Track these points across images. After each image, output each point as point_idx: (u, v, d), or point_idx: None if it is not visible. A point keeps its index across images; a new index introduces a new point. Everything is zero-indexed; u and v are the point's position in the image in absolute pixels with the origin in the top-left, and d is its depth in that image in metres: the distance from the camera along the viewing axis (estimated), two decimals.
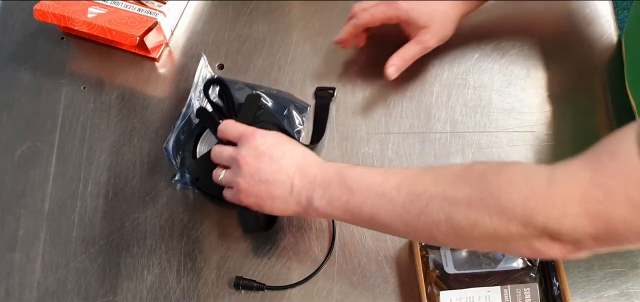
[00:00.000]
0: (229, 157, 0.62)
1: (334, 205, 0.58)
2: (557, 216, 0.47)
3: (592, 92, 0.77)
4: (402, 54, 0.73)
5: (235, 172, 0.61)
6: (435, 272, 0.64)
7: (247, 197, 0.61)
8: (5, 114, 0.79)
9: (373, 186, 0.56)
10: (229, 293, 0.67)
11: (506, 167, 0.52)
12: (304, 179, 0.59)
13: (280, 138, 0.63)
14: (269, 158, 0.60)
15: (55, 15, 0.79)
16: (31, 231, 0.71)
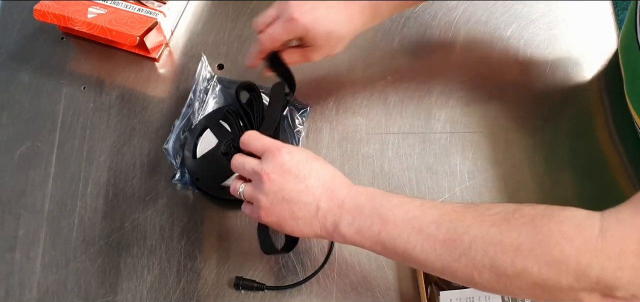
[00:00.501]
0: (252, 171, 0.58)
1: (364, 234, 0.54)
2: (612, 269, 0.45)
3: (592, 92, 0.77)
4: (284, 55, 0.69)
5: (257, 187, 0.58)
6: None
7: (268, 216, 0.57)
8: (5, 114, 0.79)
9: (410, 219, 0.52)
10: (229, 293, 0.67)
11: (558, 214, 0.48)
12: (331, 202, 0.55)
13: (307, 155, 0.58)
14: (294, 176, 0.56)
15: (55, 15, 0.79)
16: (31, 231, 0.71)
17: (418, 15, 0.83)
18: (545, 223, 0.48)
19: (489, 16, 0.83)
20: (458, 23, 0.83)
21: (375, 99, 0.78)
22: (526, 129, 0.75)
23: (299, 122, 0.75)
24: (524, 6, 0.83)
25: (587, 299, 0.46)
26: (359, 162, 0.74)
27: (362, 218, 0.54)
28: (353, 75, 0.79)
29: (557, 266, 0.46)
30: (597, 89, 0.78)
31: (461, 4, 0.84)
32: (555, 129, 0.75)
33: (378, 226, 0.53)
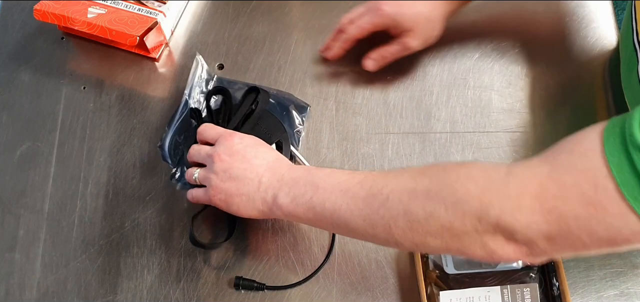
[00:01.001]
0: (206, 155, 0.64)
1: (298, 202, 0.58)
2: (510, 209, 0.46)
3: (592, 92, 0.77)
4: (382, 51, 0.75)
5: (209, 168, 0.63)
6: (435, 273, 0.64)
7: (217, 194, 0.62)
8: (5, 114, 0.79)
9: (338, 182, 0.57)
10: (229, 293, 0.67)
11: (468, 164, 0.52)
12: (272, 177, 0.60)
13: (256, 141, 0.64)
14: (242, 156, 0.62)
15: (55, 15, 0.79)
16: (31, 231, 0.71)
17: None
18: (454, 170, 0.51)
19: (489, 16, 0.83)
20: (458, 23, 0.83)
21: (375, 99, 0.78)
22: (527, 128, 0.75)
23: (299, 122, 0.75)
24: (523, 6, 0.83)
25: (491, 243, 0.48)
26: (359, 162, 0.74)
27: (297, 188, 0.59)
28: (353, 75, 0.79)
29: (460, 206, 0.48)
30: (597, 88, 0.78)
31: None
32: (556, 129, 0.75)
33: (310, 192, 0.58)
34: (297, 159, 0.74)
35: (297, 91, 0.78)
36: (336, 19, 0.83)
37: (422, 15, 0.72)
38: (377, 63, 0.76)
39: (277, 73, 0.80)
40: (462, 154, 0.74)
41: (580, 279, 0.66)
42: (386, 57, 0.75)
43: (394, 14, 0.71)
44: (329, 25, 0.83)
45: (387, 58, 0.75)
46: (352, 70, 0.80)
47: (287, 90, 0.78)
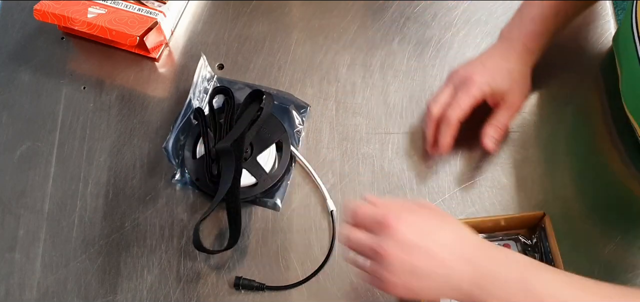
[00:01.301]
0: (370, 250, 0.53)
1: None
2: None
3: (592, 92, 0.77)
4: (496, 123, 0.69)
5: (380, 264, 0.52)
6: None
7: (395, 289, 0.52)
8: (5, 114, 0.79)
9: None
10: (229, 293, 0.67)
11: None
12: (465, 267, 0.51)
13: (421, 218, 0.54)
14: (418, 249, 0.51)
15: (55, 15, 0.79)
16: (31, 231, 0.71)
17: (418, 15, 0.84)
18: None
19: (489, 16, 0.83)
20: (458, 23, 0.83)
21: (375, 99, 0.78)
22: (526, 128, 0.75)
23: (299, 122, 0.75)
24: None
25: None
26: (359, 162, 0.74)
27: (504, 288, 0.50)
28: (353, 75, 0.79)
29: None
30: (597, 88, 0.77)
31: (461, 4, 0.84)
32: (555, 128, 0.75)
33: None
34: (297, 159, 0.74)
35: (297, 91, 0.78)
36: (336, 19, 0.83)
37: (515, 72, 0.69)
38: (498, 140, 0.70)
39: (277, 73, 0.80)
40: (462, 154, 0.74)
41: None
42: (502, 129, 0.70)
43: (489, 83, 0.67)
44: (328, 25, 0.83)
45: (503, 128, 0.70)
46: (352, 71, 0.80)
47: (287, 90, 0.78)
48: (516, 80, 0.70)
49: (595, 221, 0.69)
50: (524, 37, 0.70)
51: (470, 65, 0.70)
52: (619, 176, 0.72)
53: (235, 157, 0.68)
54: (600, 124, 0.75)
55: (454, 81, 0.70)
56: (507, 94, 0.69)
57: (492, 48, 0.72)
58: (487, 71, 0.69)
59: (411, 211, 0.54)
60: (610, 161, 0.73)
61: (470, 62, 0.71)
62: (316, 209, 0.71)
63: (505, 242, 0.66)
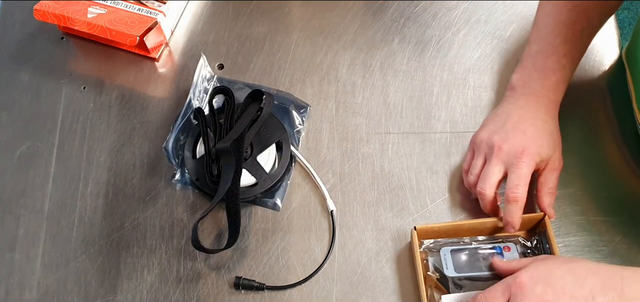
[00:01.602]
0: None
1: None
2: None
3: (593, 91, 0.77)
4: (549, 190, 0.67)
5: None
6: (435, 275, 0.64)
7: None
8: (5, 114, 0.79)
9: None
10: (229, 293, 0.67)
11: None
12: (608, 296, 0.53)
13: (548, 268, 0.55)
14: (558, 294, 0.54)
15: (55, 15, 0.79)
16: (31, 231, 0.71)
17: (418, 15, 0.84)
18: None
19: (489, 16, 0.83)
20: (458, 23, 0.83)
21: (375, 99, 0.78)
22: None
23: (299, 122, 0.75)
24: (524, 6, 0.83)
25: None
26: (359, 162, 0.74)
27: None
28: (353, 75, 0.79)
29: None
30: (597, 88, 0.78)
31: (461, 4, 0.84)
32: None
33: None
34: (297, 159, 0.74)
35: (297, 91, 0.78)
36: (336, 18, 0.83)
37: (554, 133, 0.68)
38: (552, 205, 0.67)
39: (277, 73, 0.80)
40: (462, 154, 0.74)
41: None
42: (553, 192, 0.67)
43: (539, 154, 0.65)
44: (328, 25, 0.83)
45: (554, 192, 0.68)
46: (352, 71, 0.80)
47: (287, 90, 0.78)
48: (556, 140, 0.68)
49: (596, 221, 0.69)
50: (547, 91, 0.68)
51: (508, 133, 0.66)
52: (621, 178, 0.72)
53: (235, 157, 0.68)
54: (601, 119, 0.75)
55: (479, 149, 0.68)
56: (552, 158, 0.67)
57: (516, 103, 0.69)
58: (532, 141, 0.65)
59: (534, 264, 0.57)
60: (612, 161, 0.73)
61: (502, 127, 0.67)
62: (316, 209, 0.71)
63: (505, 244, 0.66)
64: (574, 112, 0.75)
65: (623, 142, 0.74)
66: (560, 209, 0.70)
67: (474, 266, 0.64)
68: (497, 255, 0.64)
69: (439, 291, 0.64)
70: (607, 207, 0.70)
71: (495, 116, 0.69)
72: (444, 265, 0.64)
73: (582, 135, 0.74)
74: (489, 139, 0.67)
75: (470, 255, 0.65)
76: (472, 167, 0.68)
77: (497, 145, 0.65)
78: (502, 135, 0.66)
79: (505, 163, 0.65)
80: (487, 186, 0.65)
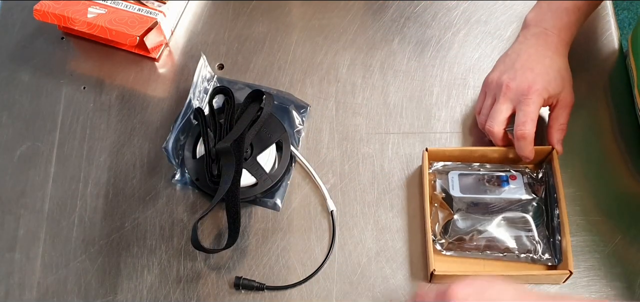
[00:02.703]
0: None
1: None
2: None
3: (593, 91, 0.77)
4: (559, 126, 0.69)
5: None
6: (441, 195, 0.67)
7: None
8: (5, 114, 0.79)
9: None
10: (229, 293, 0.67)
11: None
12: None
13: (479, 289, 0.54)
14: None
15: (55, 15, 0.79)
16: (31, 231, 0.71)
17: (418, 15, 0.84)
18: None
19: (489, 16, 0.83)
20: (458, 23, 0.83)
21: (375, 99, 0.78)
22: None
23: (299, 122, 0.75)
24: (524, 6, 0.83)
25: None
26: (359, 162, 0.74)
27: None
28: (353, 75, 0.79)
29: None
30: (599, 87, 0.77)
31: (461, 4, 0.84)
32: None
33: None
34: (297, 159, 0.74)
35: (297, 91, 0.78)
36: (336, 18, 0.83)
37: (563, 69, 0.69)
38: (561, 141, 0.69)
39: (277, 73, 0.80)
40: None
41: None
42: (564, 128, 0.70)
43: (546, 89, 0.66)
44: (328, 25, 0.83)
45: (565, 129, 0.70)
46: (352, 71, 0.80)
47: (287, 90, 0.78)
48: (565, 77, 0.69)
49: (596, 221, 0.69)
50: (558, 30, 0.70)
51: (517, 72, 0.68)
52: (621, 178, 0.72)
53: (236, 157, 0.68)
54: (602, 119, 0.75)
55: (493, 90, 0.69)
56: (562, 94, 0.69)
57: (526, 43, 0.70)
58: (540, 77, 0.67)
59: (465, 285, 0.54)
60: (612, 161, 0.73)
61: (511, 67, 0.68)
62: (316, 209, 0.71)
63: (511, 174, 0.68)
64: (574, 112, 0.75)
65: (623, 143, 0.74)
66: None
67: (478, 189, 0.67)
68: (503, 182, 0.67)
69: (443, 209, 0.66)
70: (607, 207, 0.70)
71: (505, 57, 0.71)
72: (450, 186, 0.67)
73: (582, 135, 0.74)
74: (498, 79, 0.69)
75: (476, 179, 0.67)
76: (483, 107, 0.71)
77: (505, 84, 0.68)
78: (511, 75, 0.68)
79: (513, 101, 0.67)
80: (495, 123, 0.68)
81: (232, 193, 0.67)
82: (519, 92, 0.67)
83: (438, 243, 0.66)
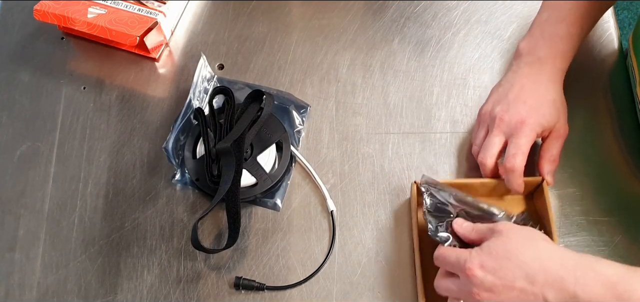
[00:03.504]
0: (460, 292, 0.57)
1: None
2: None
3: (593, 91, 0.77)
4: (550, 157, 0.68)
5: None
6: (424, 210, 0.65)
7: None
8: (5, 114, 0.79)
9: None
10: (229, 293, 0.67)
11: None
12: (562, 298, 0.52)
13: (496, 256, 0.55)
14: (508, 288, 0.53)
15: (55, 15, 0.79)
16: (31, 231, 0.71)
17: (418, 15, 0.84)
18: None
19: (489, 16, 0.83)
20: (458, 23, 0.83)
21: (375, 99, 0.78)
22: None
23: (299, 122, 0.75)
24: (524, 6, 0.83)
25: None
26: (359, 162, 0.74)
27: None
28: (353, 75, 0.79)
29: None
30: (599, 88, 0.78)
31: (461, 4, 0.84)
32: None
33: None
34: (297, 159, 0.74)
35: (297, 91, 0.78)
36: (336, 18, 0.83)
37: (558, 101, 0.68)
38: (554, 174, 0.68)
39: (277, 73, 0.80)
40: (462, 154, 0.74)
41: None
42: (555, 160, 0.68)
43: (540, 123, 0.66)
44: (328, 25, 0.83)
45: (556, 160, 0.69)
46: (352, 71, 0.80)
47: (287, 90, 0.78)
48: (559, 108, 0.68)
49: (596, 221, 0.69)
50: (553, 58, 0.68)
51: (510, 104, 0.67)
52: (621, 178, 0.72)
53: (236, 158, 0.68)
54: (602, 118, 0.76)
55: (487, 122, 0.68)
56: (556, 125, 0.68)
57: (520, 72, 0.69)
58: (533, 111, 0.66)
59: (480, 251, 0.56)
60: (612, 161, 0.73)
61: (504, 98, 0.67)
62: (316, 209, 0.71)
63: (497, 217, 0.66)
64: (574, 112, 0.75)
65: (623, 143, 0.74)
66: (560, 209, 0.70)
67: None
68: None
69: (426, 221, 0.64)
70: (607, 207, 0.70)
71: (499, 87, 0.70)
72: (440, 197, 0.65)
73: (582, 135, 0.74)
74: (492, 111, 0.68)
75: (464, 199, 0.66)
76: (476, 137, 0.70)
77: (499, 116, 0.67)
78: (504, 106, 0.67)
79: (506, 134, 0.66)
80: (488, 156, 0.67)
81: (232, 193, 0.67)
82: (511, 126, 0.66)
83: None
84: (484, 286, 0.54)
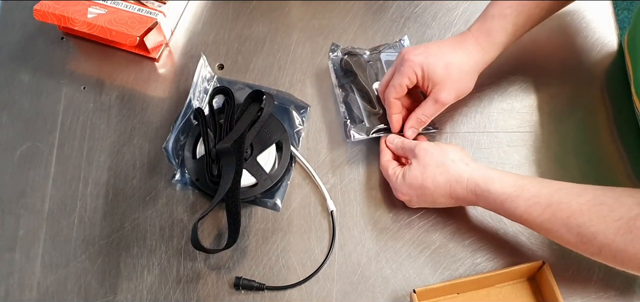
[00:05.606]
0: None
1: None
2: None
3: (592, 91, 0.77)
4: (418, 115, 0.70)
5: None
6: None
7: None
8: (5, 114, 0.79)
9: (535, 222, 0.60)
10: (229, 293, 0.67)
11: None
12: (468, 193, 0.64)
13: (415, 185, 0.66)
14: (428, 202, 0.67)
15: (55, 15, 0.79)
16: (31, 231, 0.71)
17: (418, 15, 0.84)
18: None
19: None
20: (458, 23, 0.83)
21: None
22: (527, 128, 0.75)
23: (299, 122, 0.75)
24: None
25: None
26: (359, 162, 0.74)
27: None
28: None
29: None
30: (598, 88, 0.78)
31: (461, 4, 0.84)
32: (557, 129, 0.75)
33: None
34: (297, 159, 0.74)
35: (297, 91, 0.78)
36: (336, 19, 0.83)
37: (453, 65, 0.68)
38: (415, 129, 0.71)
39: (277, 73, 0.80)
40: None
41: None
42: (422, 120, 0.70)
43: (421, 65, 0.67)
44: (328, 25, 0.83)
45: (423, 121, 0.70)
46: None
47: (287, 90, 0.78)
48: (451, 75, 0.68)
49: None
50: (477, 33, 0.69)
51: (415, 46, 0.70)
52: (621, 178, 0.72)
53: (236, 158, 0.68)
54: (601, 121, 0.75)
55: (397, 59, 0.71)
56: (438, 86, 0.68)
57: (449, 38, 0.72)
58: (424, 55, 0.68)
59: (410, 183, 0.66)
60: (611, 161, 0.73)
61: (420, 45, 0.71)
62: (316, 209, 0.71)
63: None
64: (573, 112, 0.75)
65: (622, 143, 0.74)
66: None
67: None
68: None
69: None
70: None
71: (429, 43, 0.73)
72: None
73: (581, 135, 0.74)
74: (405, 52, 0.70)
75: None
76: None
77: (401, 51, 0.71)
78: (415, 47, 0.71)
79: (396, 65, 0.70)
80: (380, 82, 0.73)
81: (232, 193, 0.67)
82: (399, 58, 0.70)
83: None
84: (410, 202, 0.68)
